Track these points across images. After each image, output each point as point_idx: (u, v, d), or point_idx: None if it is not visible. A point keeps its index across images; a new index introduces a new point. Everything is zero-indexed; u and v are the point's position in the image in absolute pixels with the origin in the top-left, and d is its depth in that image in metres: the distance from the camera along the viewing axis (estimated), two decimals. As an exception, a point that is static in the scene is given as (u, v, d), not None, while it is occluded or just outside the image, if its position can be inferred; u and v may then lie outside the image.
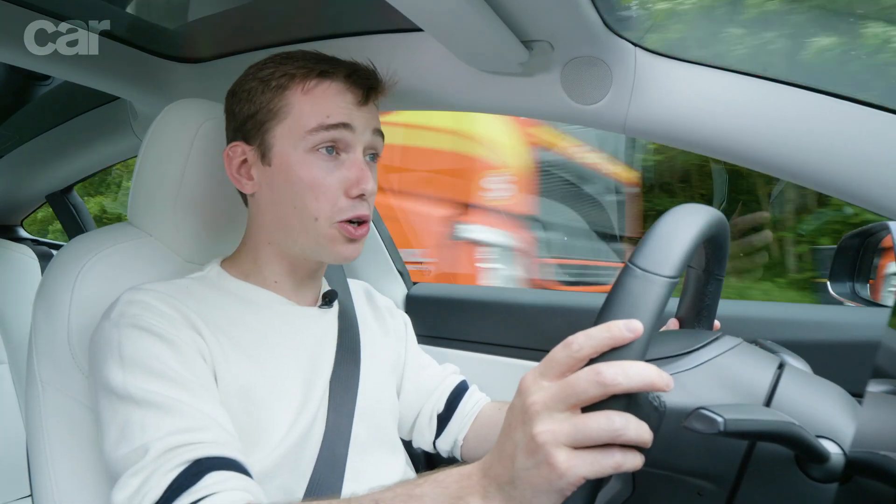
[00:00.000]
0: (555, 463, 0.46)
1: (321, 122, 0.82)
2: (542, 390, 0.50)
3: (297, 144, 0.83)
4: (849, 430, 0.54)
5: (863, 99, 0.77)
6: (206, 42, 1.24)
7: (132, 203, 0.98)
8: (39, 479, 0.86)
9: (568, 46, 0.89)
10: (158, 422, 0.67)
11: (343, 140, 0.84)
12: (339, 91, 0.84)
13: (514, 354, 1.36)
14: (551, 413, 0.48)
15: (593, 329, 0.49)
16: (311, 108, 0.83)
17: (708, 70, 0.86)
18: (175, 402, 0.68)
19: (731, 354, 0.60)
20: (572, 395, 0.47)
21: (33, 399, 0.87)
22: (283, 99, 0.84)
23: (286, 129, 0.84)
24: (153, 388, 0.69)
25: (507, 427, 0.53)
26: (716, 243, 0.69)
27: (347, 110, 0.84)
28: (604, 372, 0.46)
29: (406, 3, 0.75)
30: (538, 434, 0.47)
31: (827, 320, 1.05)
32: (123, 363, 0.71)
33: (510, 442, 0.51)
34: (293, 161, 0.83)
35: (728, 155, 0.86)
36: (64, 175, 1.89)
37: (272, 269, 0.90)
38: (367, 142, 0.86)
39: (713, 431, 0.47)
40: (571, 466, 0.46)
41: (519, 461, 0.49)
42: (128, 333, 0.74)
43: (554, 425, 0.47)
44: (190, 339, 0.76)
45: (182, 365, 0.73)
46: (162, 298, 0.79)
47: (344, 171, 0.84)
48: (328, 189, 0.83)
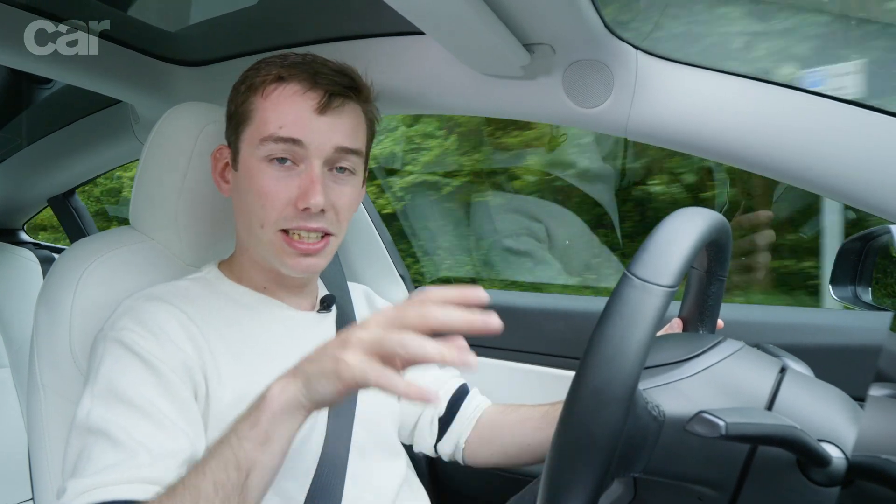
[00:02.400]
0: (347, 353, 0.59)
1: (273, 132, 0.80)
2: (388, 318, 0.61)
3: (254, 152, 0.82)
4: (851, 434, 0.53)
5: (864, 102, 0.77)
6: (208, 45, 1.24)
7: (134, 207, 0.99)
8: (41, 482, 0.86)
9: (569, 49, 0.89)
10: (100, 454, 0.67)
11: (296, 153, 0.81)
12: (296, 94, 0.81)
13: (516, 358, 1.36)
14: (366, 331, 0.60)
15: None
16: (270, 114, 0.81)
17: (709, 73, 0.86)
18: (124, 434, 0.68)
19: (733, 359, 0.60)
20: (386, 339, 0.59)
21: (35, 402, 0.87)
22: (250, 103, 0.83)
23: (249, 135, 0.83)
24: (111, 416, 0.69)
25: (333, 339, 0.64)
26: (717, 245, 0.69)
27: (303, 120, 0.80)
28: (407, 342, 0.57)
29: (408, 6, 0.75)
30: (350, 336, 0.60)
31: (829, 324, 1.05)
32: (95, 388, 0.72)
33: (327, 345, 0.63)
34: (251, 167, 0.82)
35: (730, 158, 0.86)
36: (65, 179, 1.90)
37: (258, 275, 0.90)
38: (326, 156, 0.82)
39: (715, 435, 0.47)
40: (359, 363, 0.58)
41: (329, 347, 0.62)
42: (111, 350, 0.75)
43: (363, 333, 0.60)
44: (177, 360, 0.75)
45: (155, 391, 0.72)
46: (159, 307, 0.79)
47: (297, 181, 0.81)
48: (276, 198, 0.81)
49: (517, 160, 2.46)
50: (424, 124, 2.73)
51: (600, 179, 2.24)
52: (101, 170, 1.80)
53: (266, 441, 0.63)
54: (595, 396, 0.48)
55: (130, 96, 1.32)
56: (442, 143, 2.72)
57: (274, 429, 0.63)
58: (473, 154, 2.65)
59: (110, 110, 1.53)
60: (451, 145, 2.69)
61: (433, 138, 2.73)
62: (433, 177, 2.68)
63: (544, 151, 2.40)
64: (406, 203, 2.68)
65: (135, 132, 1.49)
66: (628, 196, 2.20)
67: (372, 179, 2.38)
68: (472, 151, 2.65)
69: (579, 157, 2.29)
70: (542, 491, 0.51)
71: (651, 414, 0.56)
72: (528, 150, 2.42)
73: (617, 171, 2.22)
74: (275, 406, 0.63)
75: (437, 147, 2.71)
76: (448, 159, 2.67)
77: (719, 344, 0.62)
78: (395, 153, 2.80)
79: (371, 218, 1.49)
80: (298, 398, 0.63)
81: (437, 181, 2.66)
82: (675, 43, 0.96)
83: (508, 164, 2.47)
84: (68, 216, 2.07)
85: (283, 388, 0.64)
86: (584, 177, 2.28)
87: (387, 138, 2.77)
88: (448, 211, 2.66)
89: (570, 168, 2.32)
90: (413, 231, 2.51)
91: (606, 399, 0.48)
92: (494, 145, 2.52)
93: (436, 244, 2.62)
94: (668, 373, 0.59)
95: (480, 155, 2.61)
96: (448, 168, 2.66)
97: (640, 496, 0.63)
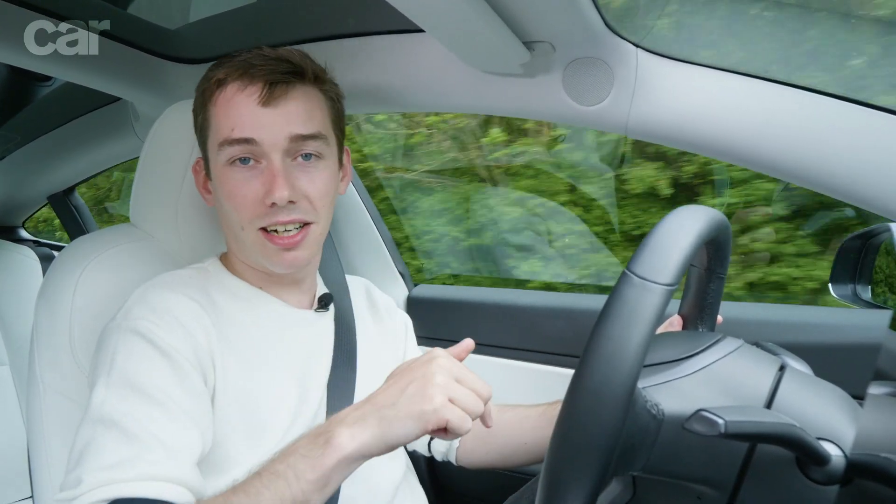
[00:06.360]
0: (434, 397, 0.62)
1: (227, 136, 0.80)
2: (451, 363, 0.67)
3: (217, 158, 0.82)
4: (850, 433, 0.53)
5: (865, 100, 0.77)
6: (208, 43, 1.24)
7: (134, 204, 0.99)
8: (40, 481, 0.86)
9: (569, 47, 0.89)
10: (114, 446, 0.66)
11: (254, 151, 0.81)
12: (235, 93, 0.80)
13: (516, 356, 1.36)
14: (448, 373, 0.65)
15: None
16: (221, 119, 0.81)
17: (710, 71, 0.86)
18: (139, 427, 0.68)
19: (732, 358, 0.60)
20: (463, 380, 0.66)
21: (34, 400, 0.87)
22: (206, 111, 0.84)
23: (211, 143, 0.84)
24: (126, 408, 0.69)
25: (409, 367, 0.67)
26: (717, 243, 0.69)
27: (250, 117, 0.79)
28: (481, 389, 0.67)
29: (408, 3, 0.75)
30: (437, 377, 0.64)
31: (828, 322, 1.05)
32: (111, 378, 0.71)
33: (408, 376, 0.65)
34: (219, 173, 0.83)
35: (730, 156, 0.86)
36: (65, 176, 1.89)
37: (252, 274, 0.90)
38: (283, 147, 0.81)
39: (714, 433, 0.47)
40: (444, 406, 0.62)
41: (409, 389, 0.64)
42: (126, 340, 0.74)
43: (448, 378, 0.64)
44: (189, 348, 0.75)
45: (171, 381, 0.72)
46: (172, 295, 0.79)
47: (262, 179, 0.81)
48: (245, 199, 0.81)
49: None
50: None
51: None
52: (101, 167, 1.80)
53: (326, 485, 0.63)
54: (594, 395, 0.48)
55: (130, 94, 1.32)
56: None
57: (336, 474, 0.63)
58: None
59: (110, 108, 1.53)
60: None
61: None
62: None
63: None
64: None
65: (135, 129, 1.49)
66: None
67: (368, 175, 2.38)
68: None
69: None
70: (541, 490, 0.51)
71: (650, 412, 0.56)
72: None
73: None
74: (344, 453, 0.62)
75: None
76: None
77: (718, 342, 0.62)
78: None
79: (370, 215, 1.49)
80: (370, 447, 0.63)
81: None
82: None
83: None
84: (68, 214, 2.07)
85: (353, 436, 0.63)
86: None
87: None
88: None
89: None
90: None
91: (606, 398, 0.48)
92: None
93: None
94: (668, 371, 0.59)
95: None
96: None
97: (639, 495, 0.64)
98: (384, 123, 2.42)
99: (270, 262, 0.84)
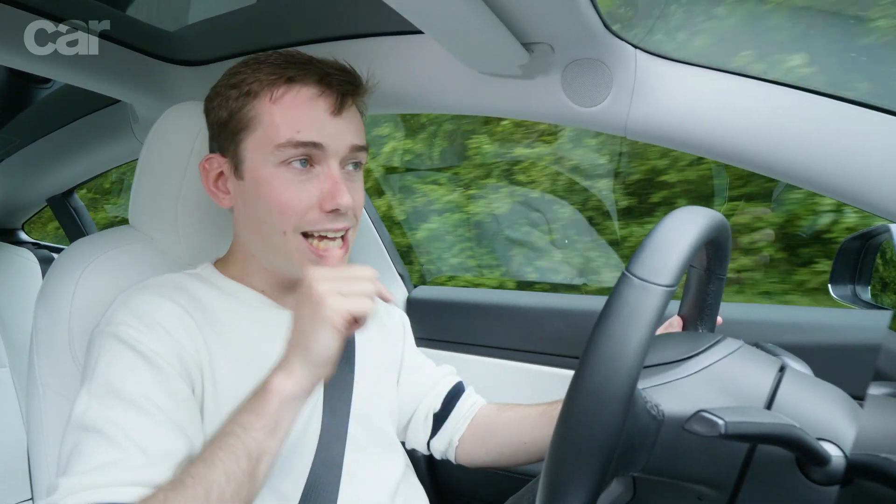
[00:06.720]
0: (326, 301, 0.67)
1: (290, 137, 0.78)
2: (323, 271, 0.70)
3: (268, 158, 0.79)
4: (850, 433, 0.53)
5: (863, 101, 0.77)
6: (207, 44, 1.24)
7: (133, 206, 0.98)
8: (40, 482, 0.86)
9: (568, 48, 0.89)
10: (94, 452, 0.66)
11: (313, 155, 0.80)
12: (310, 98, 0.80)
13: (516, 357, 1.36)
14: (325, 279, 0.69)
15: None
16: (280, 119, 0.79)
17: (708, 72, 0.86)
18: (120, 433, 0.68)
19: (732, 358, 0.60)
20: (342, 276, 0.70)
21: (34, 402, 0.87)
22: (253, 109, 0.80)
23: (257, 142, 0.80)
24: (108, 414, 0.69)
25: (298, 300, 0.70)
26: (717, 244, 0.69)
27: (319, 123, 0.79)
28: (362, 272, 0.71)
29: (407, 5, 0.75)
30: (319, 287, 0.68)
31: (828, 323, 1.05)
32: (93, 384, 0.71)
33: (301, 305, 0.70)
34: (264, 175, 0.80)
35: (729, 157, 0.86)
36: (65, 178, 1.90)
37: (259, 279, 0.89)
38: (342, 155, 0.81)
39: (714, 434, 0.47)
40: (339, 302, 0.67)
41: (306, 312, 0.68)
42: (108, 346, 0.74)
43: (328, 282, 0.69)
44: (173, 353, 0.75)
45: (153, 387, 0.72)
46: (155, 299, 0.78)
47: (318, 184, 0.80)
48: (297, 203, 0.79)
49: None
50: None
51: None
52: (100, 169, 1.80)
53: (275, 429, 0.67)
54: (594, 396, 0.48)
55: (129, 96, 1.32)
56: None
57: (282, 416, 0.67)
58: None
59: (109, 110, 1.53)
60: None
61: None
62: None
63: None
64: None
65: (134, 132, 1.49)
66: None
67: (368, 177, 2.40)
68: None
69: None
70: (542, 490, 0.51)
71: (650, 413, 0.56)
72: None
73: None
74: (284, 393, 0.67)
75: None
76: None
77: (718, 343, 0.62)
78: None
79: (370, 217, 1.49)
80: (306, 377, 0.68)
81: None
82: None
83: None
84: (67, 216, 2.07)
85: (286, 375, 0.68)
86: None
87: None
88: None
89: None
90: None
91: (606, 398, 0.48)
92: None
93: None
94: (668, 372, 0.59)
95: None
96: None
97: (639, 495, 0.64)
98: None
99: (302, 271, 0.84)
